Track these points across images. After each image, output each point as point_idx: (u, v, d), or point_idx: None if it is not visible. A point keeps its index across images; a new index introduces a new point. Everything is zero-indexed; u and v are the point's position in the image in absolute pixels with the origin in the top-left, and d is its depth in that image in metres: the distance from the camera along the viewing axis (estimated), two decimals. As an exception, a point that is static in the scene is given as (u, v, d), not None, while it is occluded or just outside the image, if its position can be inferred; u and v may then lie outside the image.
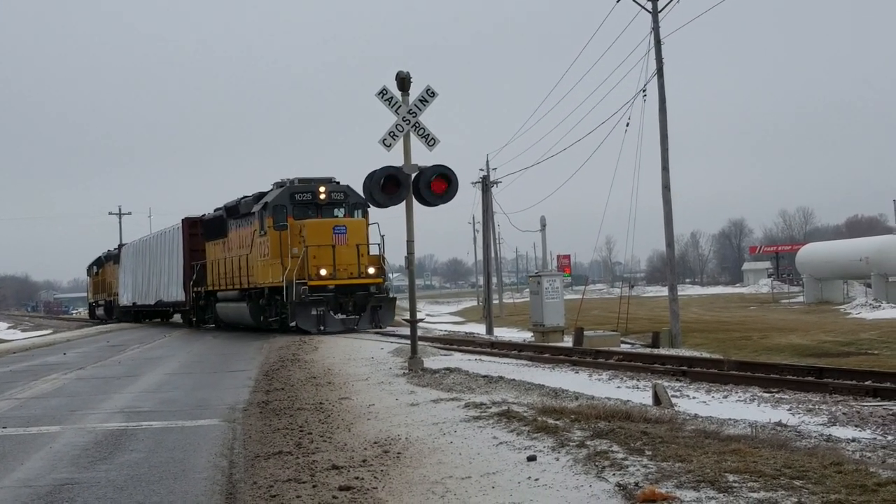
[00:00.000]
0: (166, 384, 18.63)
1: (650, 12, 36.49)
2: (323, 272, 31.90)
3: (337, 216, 34.01)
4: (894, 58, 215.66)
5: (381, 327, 32.54)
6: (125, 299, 60.67)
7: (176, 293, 47.81)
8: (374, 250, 33.84)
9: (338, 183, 34.66)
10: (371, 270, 32.61)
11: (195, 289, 44.62)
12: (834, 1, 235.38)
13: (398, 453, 9.83)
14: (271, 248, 33.23)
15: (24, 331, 65.34)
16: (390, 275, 41.39)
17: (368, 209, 33.59)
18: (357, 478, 8.82)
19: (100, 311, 75.72)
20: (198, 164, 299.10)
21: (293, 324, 32.24)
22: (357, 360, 21.13)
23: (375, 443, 10.50)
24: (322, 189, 33.70)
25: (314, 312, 31.77)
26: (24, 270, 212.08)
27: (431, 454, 9.60)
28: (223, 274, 40.02)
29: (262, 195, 35.43)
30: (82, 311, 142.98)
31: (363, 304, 32.48)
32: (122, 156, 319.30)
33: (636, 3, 36.70)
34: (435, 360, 19.71)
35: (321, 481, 8.77)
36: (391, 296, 34.55)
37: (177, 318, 56.71)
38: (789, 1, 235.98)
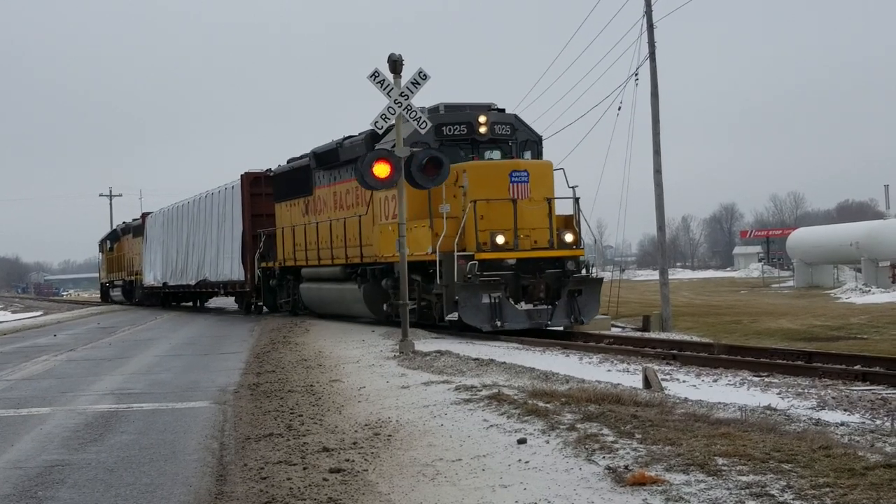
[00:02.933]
0: (157, 366, 18.63)
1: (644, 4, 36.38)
2: (500, 239, 21.39)
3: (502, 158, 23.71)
4: (888, 43, 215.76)
5: (582, 322, 22.16)
6: (152, 278, 50.55)
7: (229, 270, 38.10)
8: (562, 208, 23.29)
9: (502, 110, 24.28)
10: (568, 237, 22.24)
11: (262, 264, 35.24)
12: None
13: (389, 436, 9.85)
14: (408, 204, 21.03)
15: (14, 312, 64.15)
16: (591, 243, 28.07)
17: (542, 148, 24.47)
18: (347, 460, 8.84)
19: (116, 294, 64.15)
20: (190, 146, 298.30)
21: (450, 317, 22.07)
22: (348, 342, 21.14)
23: (366, 425, 10.52)
24: (482, 119, 23.29)
25: (486, 300, 21.16)
26: (15, 252, 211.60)
27: (422, 437, 9.62)
28: (310, 244, 30.11)
29: (387, 131, 22.93)
30: (73, 293, 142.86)
31: (557, 287, 21.89)
32: (114, 137, 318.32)
33: (629, -14, 36.58)
34: (426, 342, 19.73)
35: (312, 463, 8.79)
36: (596, 275, 23.81)
37: (217, 302, 48.97)
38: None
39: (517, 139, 23.78)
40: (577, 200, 22.70)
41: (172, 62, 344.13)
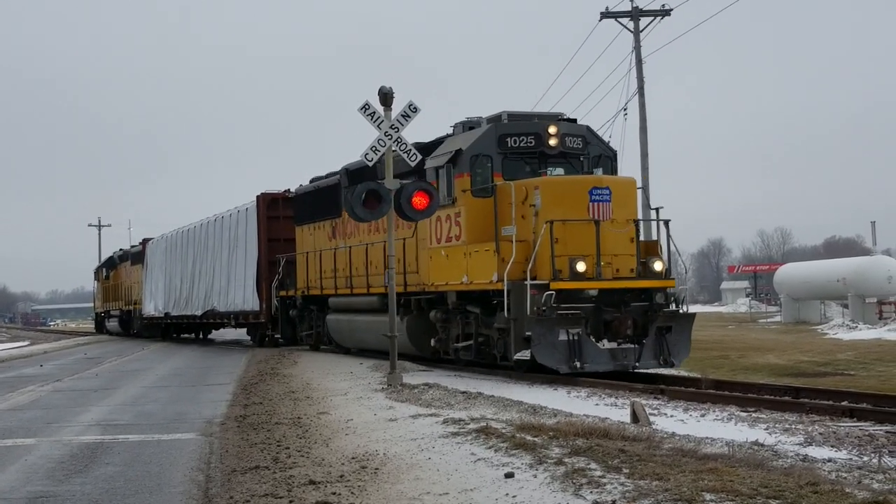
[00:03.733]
0: (143, 397, 18.55)
1: (632, 32, 36.74)
2: (580, 267, 18.43)
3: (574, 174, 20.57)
4: (872, 80, 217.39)
5: (672, 365, 19.13)
6: (152, 308, 47.45)
7: (242, 299, 35.29)
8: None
9: (573, 121, 21.64)
10: (657, 266, 19.37)
11: (281, 293, 32.26)
12: (819, 25, 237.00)
13: (376, 469, 9.82)
14: (467, 225, 20.07)
15: (0, 342, 64.04)
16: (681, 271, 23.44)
17: (617, 165, 21.81)
18: (334, 493, 8.80)
19: (112, 324, 60.84)
20: (180, 178, 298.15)
21: (520, 356, 18.97)
22: (336, 374, 21.10)
23: (353, 458, 10.48)
24: (552, 130, 20.40)
25: (563, 337, 18.10)
26: (2, 281, 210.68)
27: (409, 470, 9.59)
28: (339, 271, 27.06)
29: (435, 143, 22.05)
30: (60, 323, 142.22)
31: (644, 322, 18.97)
32: (103, 167, 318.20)
33: (618, 23, 36.95)
34: (414, 375, 19.70)
35: (298, 496, 8.75)
36: (687, 310, 20.17)
37: (227, 335, 46.41)
38: (772, 22, 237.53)
39: (589, 154, 20.96)
40: (667, 223, 19.90)
41: (162, 94, 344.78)
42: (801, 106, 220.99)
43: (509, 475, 8.73)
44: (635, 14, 36.64)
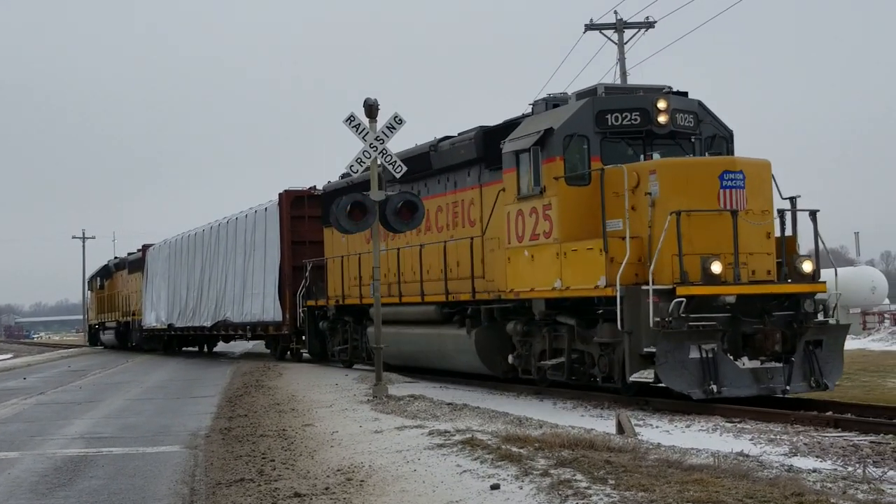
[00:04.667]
0: (128, 409, 18.47)
1: (616, 44, 36.86)
2: (716, 268, 15.10)
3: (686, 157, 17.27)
4: (858, 92, 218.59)
5: (825, 387, 15.61)
6: (153, 319, 43.88)
7: (260, 309, 31.75)
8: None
9: (684, 94, 18.01)
10: (806, 266, 16.14)
11: (308, 303, 28.63)
12: (801, 40, 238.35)
13: (361, 481, 9.79)
14: (560, 219, 16.70)
15: (-17, 355, 63.41)
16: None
17: (734, 148, 18.11)
18: (319, 506, 8.77)
19: (107, 337, 56.96)
20: (164, 188, 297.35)
21: (637, 377, 15.35)
22: (321, 386, 21.04)
23: (338, 470, 10.45)
24: (662, 104, 17.10)
25: (695, 354, 14.84)
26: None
27: (395, 482, 9.56)
28: (383, 277, 22.03)
29: (511, 124, 18.69)
30: (44, 336, 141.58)
31: (792, 335, 15.54)
32: (86, 180, 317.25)
33: (603, 35, 37.06)
34: (400, 387, 19.67)
35: (283, 509, 8.71)
36: (839, 320, 17.12)
37: (231, 347, 43.96)
38: (755, 35, 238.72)
39: (701, 134, 17.72)
40: (813, 215, 16.46)
41: (148, 106, 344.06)
42: (786, 117, 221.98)
43: (495, 487, 8.72)
44: (619, 26, 36.75)
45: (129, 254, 52.60)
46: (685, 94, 18.02)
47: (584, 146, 17.00)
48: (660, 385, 15.24)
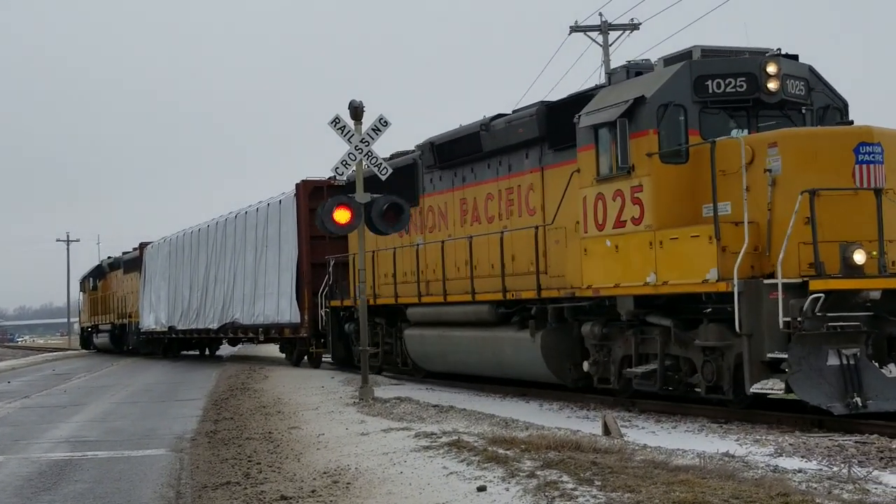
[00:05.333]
0: (113, 413, 18.41)
1: (601, 45, 36.93)
2: (858, 258, 12.80)
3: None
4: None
5: None
6: (152, 321, 41.49)
7: (274, 310, 29.17)
8: None
9: (794, 57, 15.56)
10: None
11: (333, 303, 25.86)
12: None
13: (348, 483, 9.78)
14: (655, 202, 14.48)
15: (-33, 358, 62.79)
16: None
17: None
18: (306, 508, 8.76)
19: (101, 340, 54.26)
20: (147, 192, 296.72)
21: (758, 388, 13.16)
22: (307, 389, 21.00)
23: (325, 473, 10.44)
24: (772, 69, 14.73)
25: (834, 361, 12.68)
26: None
27: (381, 484, 9.55)
28: (425, 273, 21.14)
29: (581, 98, 16.51)
30: (28, 339, 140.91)
31: None
32: (69, 182, 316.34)
33: (588, 37, 37.13)
34: (386, 389, 19.66)
35: (269, 512, 8.70)
36: None
37: (241, 350, 41.74)
38: (740, 35, 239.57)
39: (813, 104, 15.31)
40: None
41: (132, 109, 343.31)
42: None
43: (482, 488, 8.72)
44: (604, 28, 36.82)
45: (124, 253, 49.97)
46: (795, 56, 15.51)
47: (680, 117, 14.60)
48: (789, 397, 13.15)
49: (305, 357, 28.72)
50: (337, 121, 18.18)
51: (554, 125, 16.79)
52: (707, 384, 14.05)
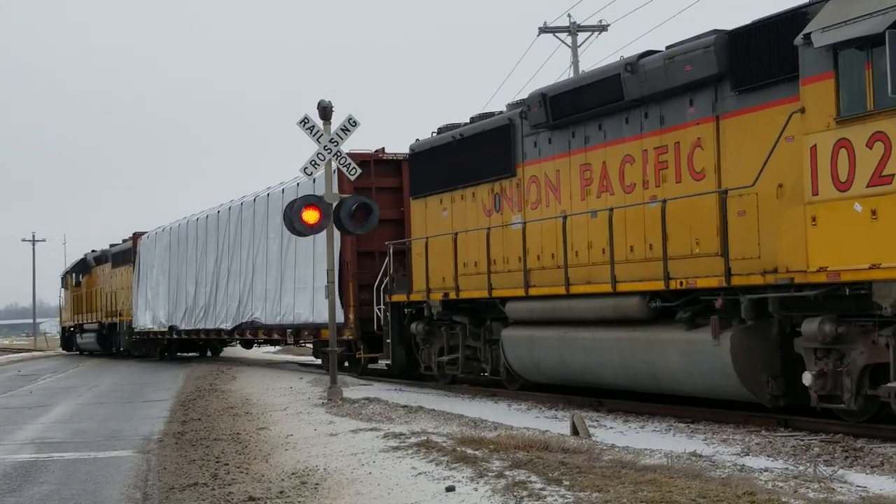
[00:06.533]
0: (79, 414, 18.27)
1: (570, 46, 37.10)
2: None
3: None
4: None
5: None
6: (149, 320, 37.67)
7: (309, 307, 24.88)
8: None
9: None
10: None
11: (396, 297, 21.19)
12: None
13: (316, 484, 9.75)
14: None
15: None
16: None
17: None
18: (274, 509, 8.73)
19: (86, 340, 50.03)
20: (117, 191, 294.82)
21: None
22: (276, 389, 20.93)
23: (293, 473, 10.41)
24: None
25: None
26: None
27: (350, 485, 9.54)
28: (536, 258, 16.95)
29: (795, 13, 12.34)
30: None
31: None
32: (34, 182, 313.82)
33: (556, 38, 37.28)
34: (355, 389, 19.62)
35: (237, 513, 8.67)
36: None
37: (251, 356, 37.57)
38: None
39: None
40: None
41: (95, 109, 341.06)
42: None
43: (450, 489, 8.72)
44: (573, 29, 36.99)
45: (112, 245, 46.00)
46: None
47: None
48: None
49: (346, 363, 24.06)
50: (306, 121, 18.14)
51: (741, 58, 13.04)
52: None
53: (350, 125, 18.36)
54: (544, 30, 37.25)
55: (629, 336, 14.66)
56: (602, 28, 37.07)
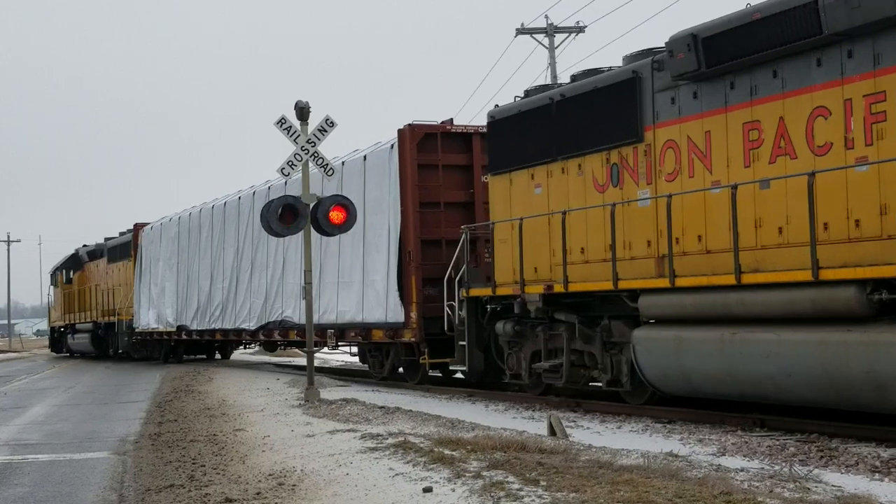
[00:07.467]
0: (54, 416, 18.17)
1: (547, 48, 37.19)
2: None
3: None
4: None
5: None
6: (153, 319, 34.37)
7: (356, 305, 21.63)
8: None
9: None
10: None
11: (477, 291, 17.90)
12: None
13: (293, 485, 9.73)
14: None
15: None
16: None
17: None
18: (251, 511, 8.71)
19: (78, 342, 46.23)
20: (89, 193, 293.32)
21: None
22: (253, 391, 20.87)
23: (270, 475, 10.38)
24: None
25: None
26: None
27: (327, 486, 9.52)
28: (683, 244, 13.56)
29: None
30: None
31: None
32: (7, 183, 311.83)
33: (534, 39, 37.37)
34: (332, 391, 19.58)
35: (214, 514, 8.64)
36: None
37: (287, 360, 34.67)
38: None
39: None
40: None
41: (69, 111, 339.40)
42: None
43: (428, 490, 8.72)
44: (550, 31, 37.09)
45: (107, 238, 42.58)
46: None
47: None
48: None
49: (400, 369, 21.41)
50: (283, 121, 18.10)
51: None
52: None
53: (327, 126, 18.32)
54: (522, 31, 37.33)
55: (842, 338, 11.27)
56: (579, 30, 37.19)
